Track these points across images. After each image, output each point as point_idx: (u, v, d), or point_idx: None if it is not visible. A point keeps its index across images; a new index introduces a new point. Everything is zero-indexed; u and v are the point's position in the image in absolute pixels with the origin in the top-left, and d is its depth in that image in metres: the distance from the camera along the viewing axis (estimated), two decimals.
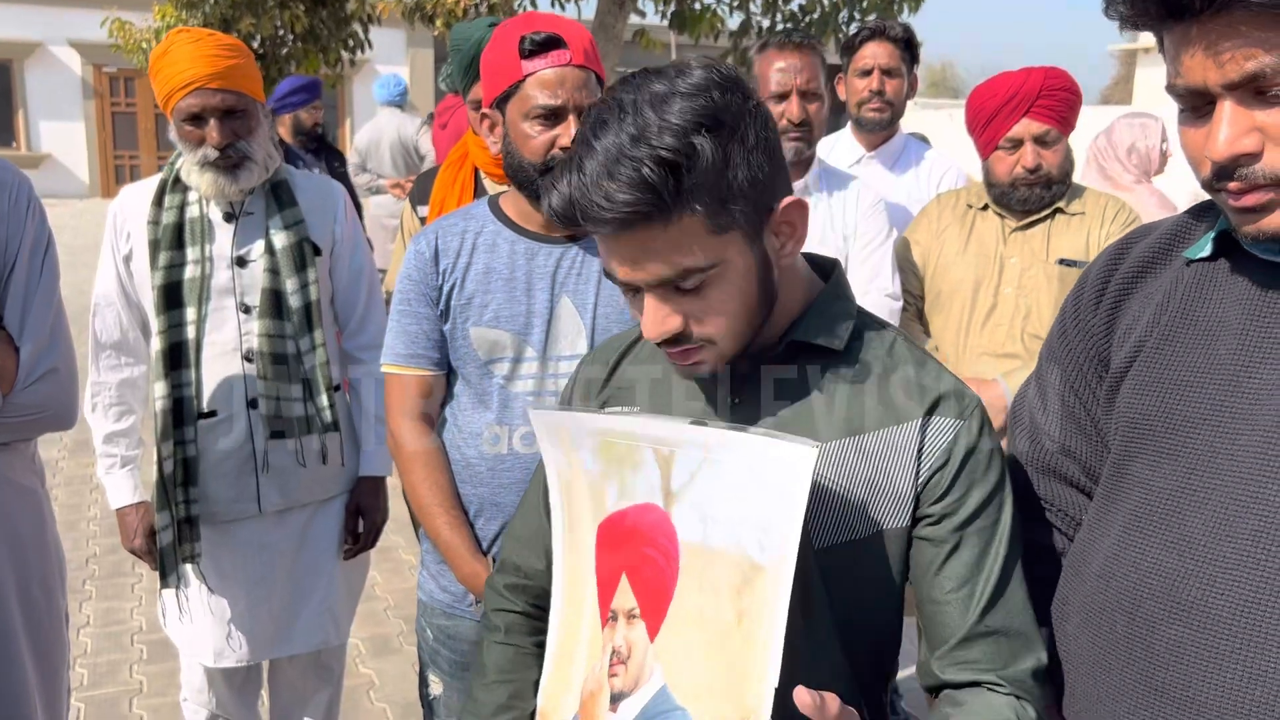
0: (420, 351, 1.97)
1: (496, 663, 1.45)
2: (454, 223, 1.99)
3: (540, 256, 1.94)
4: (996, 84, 2.70)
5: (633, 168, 1.07)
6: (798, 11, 8.35)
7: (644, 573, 1.19)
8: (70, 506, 5.26)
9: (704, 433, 1.15)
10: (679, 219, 1.10)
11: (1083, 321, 1.29)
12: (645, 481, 1.19)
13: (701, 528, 1.14)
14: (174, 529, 2.38)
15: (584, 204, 1.10)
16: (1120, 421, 1.19)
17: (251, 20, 10.05)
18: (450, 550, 1.95)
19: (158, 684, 3.63)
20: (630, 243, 1.12)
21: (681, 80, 1.12)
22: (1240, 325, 1.10)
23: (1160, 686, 1.07)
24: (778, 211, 1.19)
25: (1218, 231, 1.16)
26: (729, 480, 1.12)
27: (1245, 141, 1.00)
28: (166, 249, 2.37)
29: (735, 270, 1.16)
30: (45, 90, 20.60)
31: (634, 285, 1.17)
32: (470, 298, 1.93)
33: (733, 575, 1.11)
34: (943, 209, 2.90)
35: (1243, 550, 1.03)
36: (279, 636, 2.54)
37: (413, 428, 1.98)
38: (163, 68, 2.30)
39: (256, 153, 2.36)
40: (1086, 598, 1.18)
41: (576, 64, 1.83)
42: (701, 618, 1.12)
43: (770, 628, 1.07)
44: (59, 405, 2.01)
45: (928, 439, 1.21)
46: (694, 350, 1.20)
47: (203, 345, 2.39)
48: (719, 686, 1.10)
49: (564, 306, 1.93)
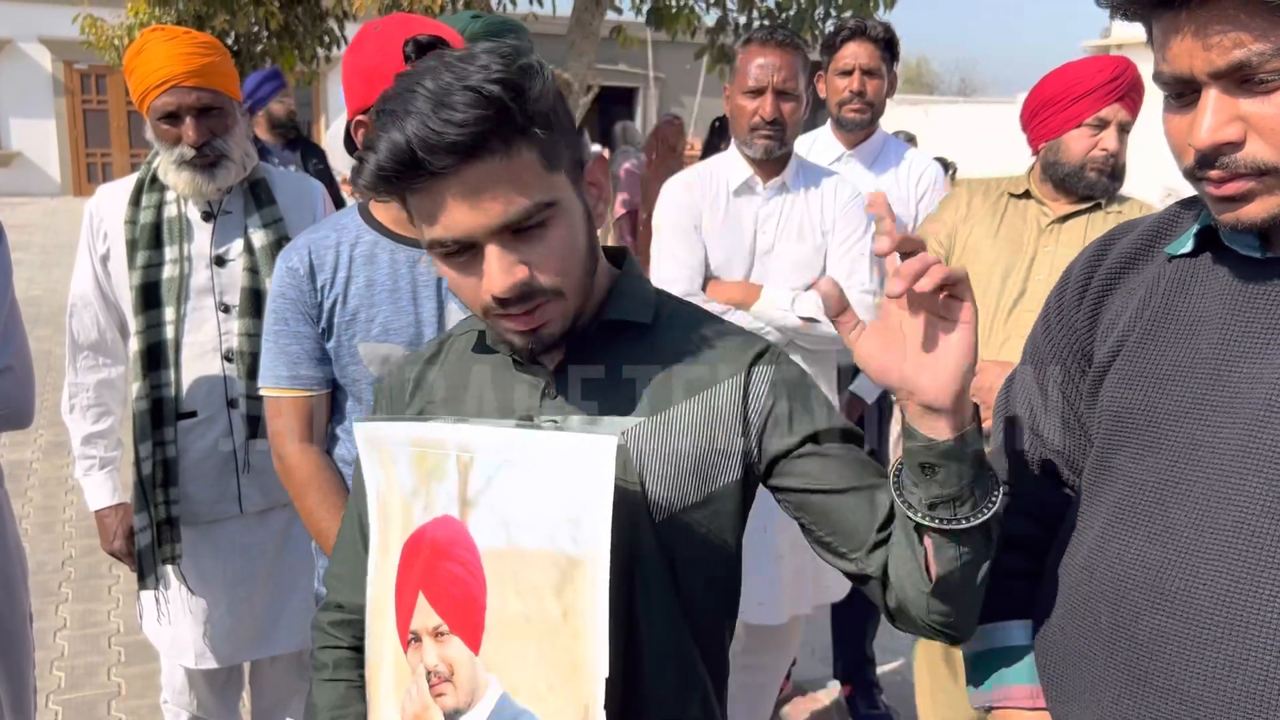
0: (303, 372, 1.90)
1: (327, 700, 1.39)
2: (325, 235, 1.92)
3: (422, 264, 1.90)
4: (1100, 62, 2.67)
5: (472, 91, 1.07)
6: (774, 8, 8.37)
7: (445, 588, 1.17)
8: (46, 509, 5.22)
9: (504, 434, 1.14)
10: (518, 150, 1.11)
11: (1066, 317, 1.30)
12: (446, 493, 1.18)
13: (505, 532, 1.13)
14: (153, 530, 2.37)
15: (422, 137, 1.06)
16: (1103, 415, 1.21)
17: (226, 17, 9.98)
18: None
19: (136, 686, 3.61)
20: (469, 181, 1.10)
21: (472, 49, 1.14)
22: (1221, 320, 1.12)
23: (1143, 676, 1.08)
24: (587, 168, 1.24)
25: (1199, 227, 1.17)
26: (530, 480, 1.12)
27: (1228, 130, 1.01)
28: (144, 248, 2.36)
29: (570, 212, 1.19)
30: (15, 87, 20.37)
31: (470, 241, 1.13)
32: (355, 313, 1.88)
33: (550, 573, 1.10)
34: (973, 194, 2.85)
35: (1224, 541, 1.04)
36: (261, 637, 2.53)
37: (301, 451, 1.92)
38: (138, 66, 2.28)
39: (233, 151, 2.34)
40: (1070, 590, 1.19)
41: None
42: (527, 621, 1.11)
43: (594, 619, 1.07)
44: (14, 403, 1.99)
45: (751, 390, 1.27)
46: (541, 306, 1.18)
47: (182, 345, 2.38)
48: (558, 683, 1.10)
49: (453, 314, 1.89)
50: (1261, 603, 1.01)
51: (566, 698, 1.09)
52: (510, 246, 1.14)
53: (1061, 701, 1.20)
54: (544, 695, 1.10)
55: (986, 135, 17.42)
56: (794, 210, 2.87)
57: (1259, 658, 1.00)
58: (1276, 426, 1.03)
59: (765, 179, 2.87)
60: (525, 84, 1.11)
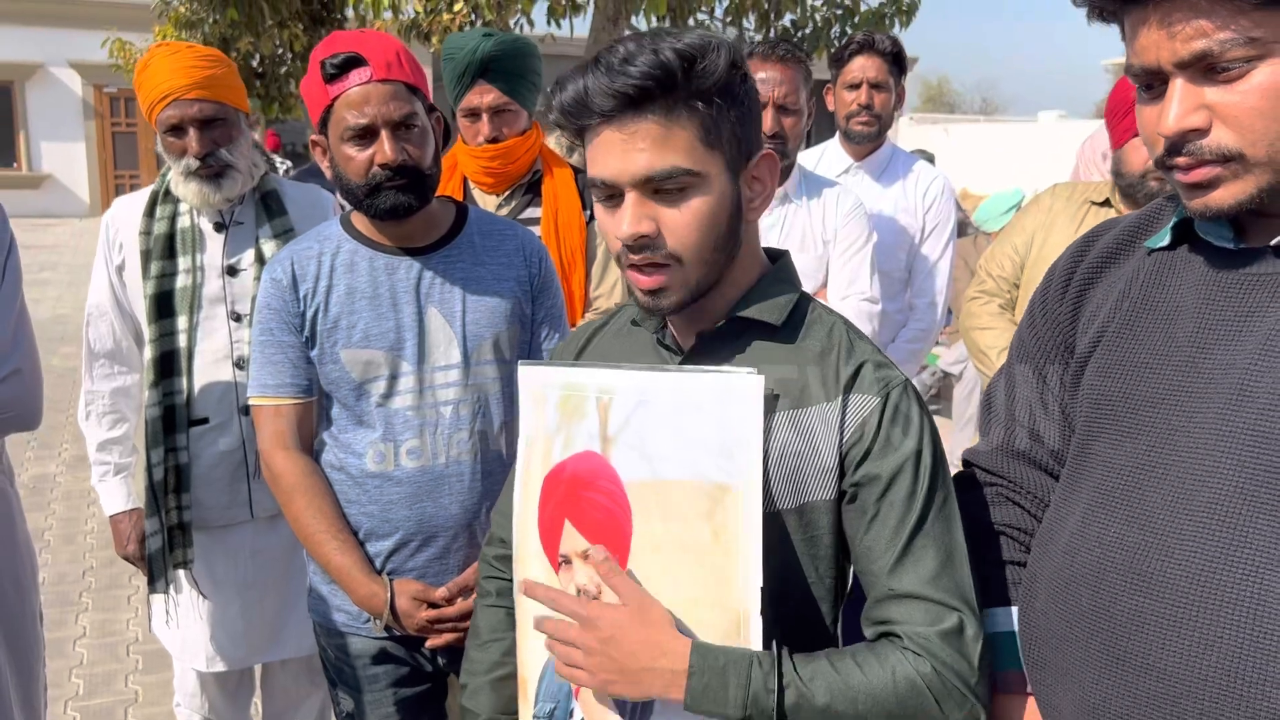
0: (288, 380, 1.95)
1: (489, 624, 1.54)
2: (308, 246, 1.97)
3: (401, 270, 1.94)
4: None
5: (651, 52, 1.18)
6: (790, 27, 8.42)
7: (590, 515, 1.28)
8: (68, 520, 5.29)
9: (643, 376, 1.25)
10: (677, 116, 1.21)
11: (1050, 311, 1.33)
12: (586, 430, 1.28)
13: (648, 465, 1.23)
14: (164, 535, 2.41)
15: (594, 85, 1.20)
16: (1083, 403, 1.23)
17: (251, 39, 10.12)
18: (343, 574, 1.92)
19: (152, 694, 3.65)
20: (627, 129, 1.20)
21: (677, 29, 1.22)
22: (1196, 309, 1.14)
23: (1121, 655, 1.10)
24: (753, 162, 1.29)
25: (1176, 220, 1.20)
26: (670, 418, 1.22)
27: (1193, 118, 1.05)
28: (158, 259, 2.41)
29: (714, 191, 1.25)
30: (46, 111, 20.72)
31: (615, 186, 1.23)
32: (336, 320, 1.92)
33: (698, 501, 1.19)
34: (1055, 199, 2.84)
35: (1199, 522, 1.06)
36: (271, 641, 2.56)
37: (287, 457, 1.96)
38: (144, 81, 2.34)
39: (238, 161, 2.39)
40: (1053, 573, 1.21)
41: (379, 79, 1.83)
42: (673, 542, 1.21)
43: (749, 538, 1.16)
44: (22, 406, 2.03)
45: (848, 415, 1.28)
46: (660, 267, 1.25)
47: (194, 353, 2.42)
48: (706, 597, 1.19)
49: (432, 318, 1.94)
50: (1235, 582, 1.03)
51: (718, 609, 1.18)
52: (646, 200, 1.23)
53: (1046, 684, 1.21)
54: (688, 608, 1.20)
55: (1007, 154, 17.38)
56: (796, 220, 2.89)
57: (1233, 635, 1.02)
58: (1248, 411, 1.06)
59: None
60: (701, 60, 1.20)
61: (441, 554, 1.96)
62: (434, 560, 1.96)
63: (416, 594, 1.91)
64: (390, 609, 1.91)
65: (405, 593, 1.92)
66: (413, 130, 1.87)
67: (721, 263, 1.29)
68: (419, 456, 1.93)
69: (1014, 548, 1.35)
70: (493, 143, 2.70)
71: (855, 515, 1.28)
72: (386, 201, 1.87)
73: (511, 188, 2.81)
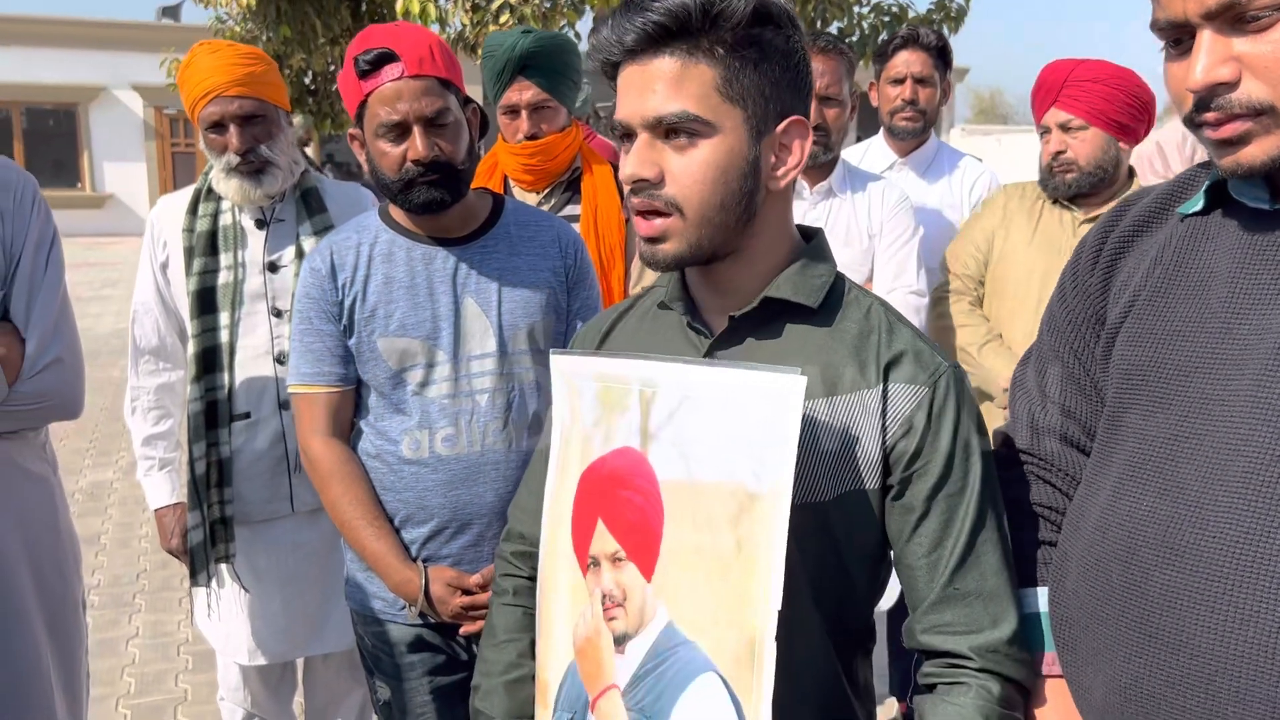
0: (326, 369, 1.97)
1: (505, 624, 1.49)
2: (347, 236, 2.00)
3: (438, 260, 1.95)
4: (1040, 74, 2.74)
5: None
6: (836, 34, 8.39)
7: (624, 515, 1.21)
8: (123, 525, 5.38)
9: (687, 370, 1.18)
10: (696, 61, 1.18)
11: (1080, 283, 1.29)
12: (627, 425, 1.22)
13: (684, 465, 1.16)
14: (205, 529, 2.43)
15: (620, 21, 1.19)
16: (1114, 375, 1.19)
17: (303, 56, 10.30)
18: (379, 561, 1.94)
19: (202, 693, 3.69)
20: (646, 69, 1.19)
21: None
22: (1230, 273, 1.10)
23: (1154, 632, 1.06)
24: (781, 127, 1.23)
25: (1210, 183, 1.16)
26: (712, 415, 1.15)
27: (1221, 70, 1.01)
28: (201, 255, 2.44)
29: (726, 147, 1.20)
30: (108, 132, 21.25)
31: (628, 128, 1.21)
32: (374, 309, 1.94)
33: (728, 505, 1.13)
34: (1009, 198, 2.89)
35: (1233, 492, 1.02)
36: (312, 635, 2.57)
37: (325, 445, 1.98)
38: (187, 79, 2.38)
39: (279, 158, 2.42)
40: (1084, 551, 1.17)
41: (411, 75, 1.84)
42: (700, 552, 1.15)
43: (770, 552, 1.10)
44: (64, 395, 2.07)
45: (890, 404, 1.22)
46: (660, 214, 1.21)
47: (236, 349, 2.45)
48: (724, 616, 1.13)
49: (469, 307, 1.94)
50: (1271, 554, 0.99)
51: (732, 631, 1.12)
52: (656, 144, 1.21)
53: (1076, 665, 1.18)
54: (707, 628, 1.14)
55: None
56: (840, 214, 2.87)
57: (1269, 610, 0.98)
58: None
59: (811, 184, 2.87)
60: (725, 8, 1.17)
61: (476, 541, 1.96)
62: (469, 547, 1.96)
63: (451, 580, 1.92)
64: (425, 595, 1.91)
65: (440, 579, 1.92)
66: (445, 125, 1.88)
67: (731, 227, 1.23)
68: (454, 444, 1.93)
69: (1045, 527, 1.31)
70: (531, 139, 2.71)
71: (902, 511, 1.23)
72: (420, 197, 1.88)
73: (551, 185, 2.81)
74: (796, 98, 1.24)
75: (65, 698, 2.14)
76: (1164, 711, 1.05)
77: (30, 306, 2.04)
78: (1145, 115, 2.67)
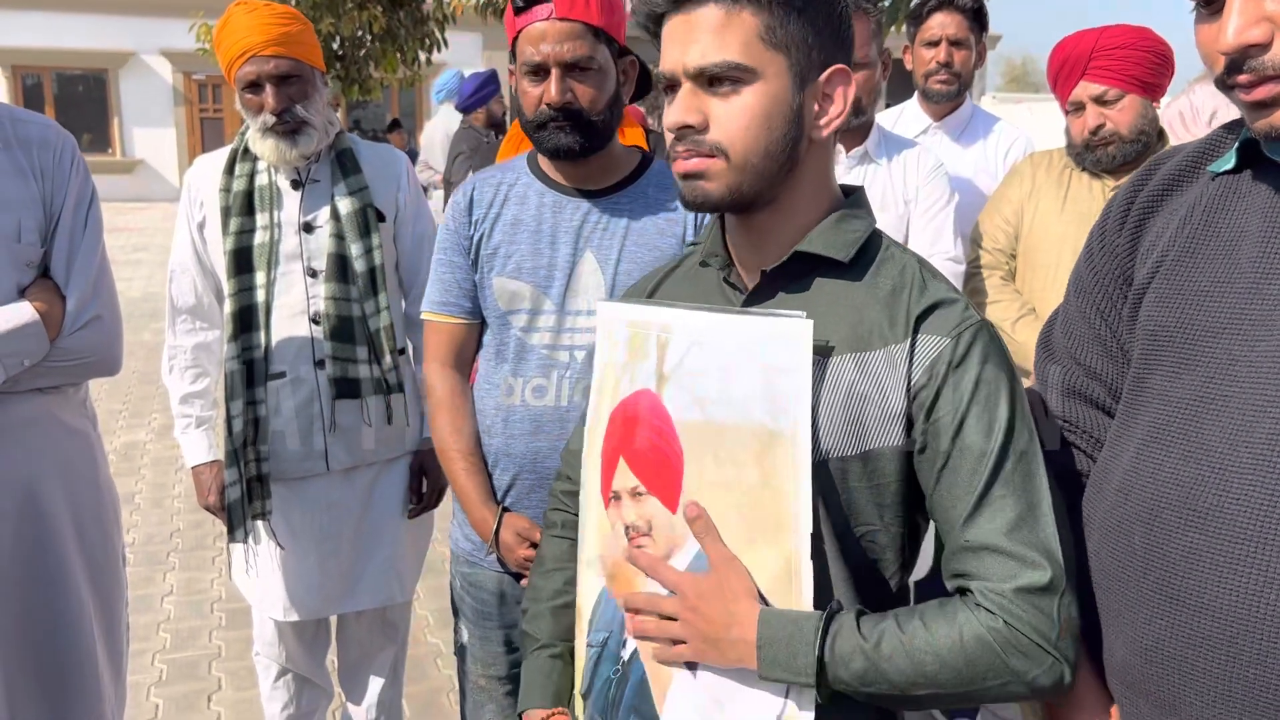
0: (453, 300, 2.02)
1: (553, 553, 1.57)
2: (492, 174, 2.03)
3: (567, 210, 1.95)
4: (1057, 47, 2.68)
5: None
6: None
7: (642, 452, 1.27)
8: (157, 485, 5.46)
9: (699, 316, 1.23)
10: (740, 9, 1.20)
11: (1108, 243, 1.29)
12: (646, 368, 1.28)
13: (699, 407, 1.22)
14: (242, 485, 2.46)
15: None
16: (1141, 335, 1.19)
17: (332, 20, 10.28)
18: (464, 495, 2.00)
19: (235, 649, 3.76)
20: (690, 20, 1.21)
21: None
22: (1261, 233, 1.10)
23: (1176, 594, 1.06)
24: (825, 76, 1.24)
25: (1241, 141, 1.14)
26: (721, 360, 1.20)
27: (1254, 31, 1.00)
28: (237, 215, 2.46)
29: (770, 93, 1.22)
30: (137, 98, 21.30)
31: (673, 79, 1.23)
32: (496, 247, 1.96)
33: (749, 445, 1.18)
34: (1036, 168, 2.84)
35: (1258, 454, 1.02)
36: (345, 592, 2.61)
37: (442, 373, 2.03)
38: (223, 39, 2.40)
39: (314, 118, 2.43)
40: (1107, 513, 1.17)
41: (559, 16, 1.82)
42: (727, 486, 1.20)
43: (798, 482, 1.14)
44: (103, 351, 2.11)
45: (916, 355, 1.22)
46: (703, 156, 1.23)
47: (272, 308, 2.47)
48: (760, 537, 1.18)
49: (587, 262, 1.94)
50: None
51: (770, 550, 1.18)
52: (699, 92, 1.22)
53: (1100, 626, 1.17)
54: (744, 550, 1.19)
55: None
56: (876, 179, 2.85)
57: None
58: None
59: (847, 148, 2.85)
60: None
61: None
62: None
63: (522, 530, 1.96)
64: (495, 538, 1.95)
65: (511, 526, 1.96)
66: (587, 72, 1.86)
67: (773, 174, 1.24)
68: (543, 395, 1.95)
69: (1070, 491, 1.29)
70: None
71: (927, 464, 1.22)
72: (550, 141, 1.89)
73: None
74: (839, 47, 1.26)
75: (106, 648, 2.18)
76: (1185, 672, 1.05)
77: (70, 264, 2.06)
78: (1169, 68, 2.64)
